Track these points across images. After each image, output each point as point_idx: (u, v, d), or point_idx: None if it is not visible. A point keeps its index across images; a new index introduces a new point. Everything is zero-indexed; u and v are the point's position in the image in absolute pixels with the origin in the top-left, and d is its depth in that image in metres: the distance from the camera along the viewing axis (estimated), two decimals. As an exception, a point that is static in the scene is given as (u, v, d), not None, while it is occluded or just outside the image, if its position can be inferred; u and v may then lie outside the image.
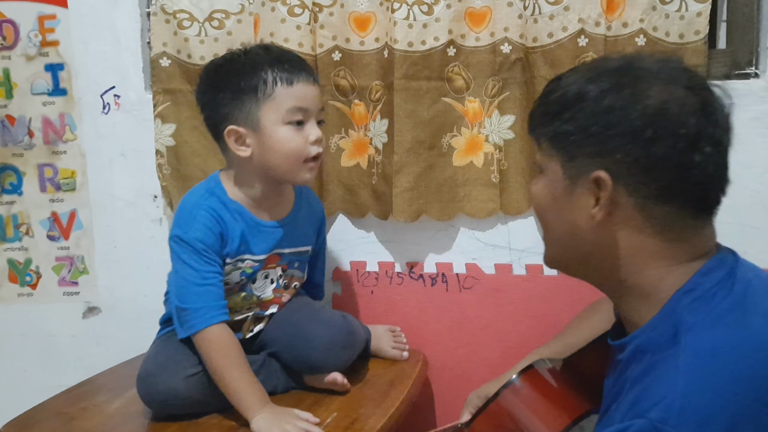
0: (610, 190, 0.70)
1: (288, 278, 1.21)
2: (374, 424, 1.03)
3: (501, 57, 1.29)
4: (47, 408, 1.14)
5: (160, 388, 1.05)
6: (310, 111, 1.09)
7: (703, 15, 1.19)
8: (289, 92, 1.07)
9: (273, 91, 1.06)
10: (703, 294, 0.69)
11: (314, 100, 1.10)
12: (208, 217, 1.08)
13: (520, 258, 1.37)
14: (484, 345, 1.38)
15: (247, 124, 1.07)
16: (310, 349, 1.12)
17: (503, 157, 1.33)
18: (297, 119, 1.08)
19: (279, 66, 1.07)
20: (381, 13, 1.32)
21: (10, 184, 1.58)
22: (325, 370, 1.13)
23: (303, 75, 1.09)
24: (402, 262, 1.42)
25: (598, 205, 0.71)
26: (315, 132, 1.09)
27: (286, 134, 1.07)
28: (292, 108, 1.07)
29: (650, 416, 0.61)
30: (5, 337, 1.63)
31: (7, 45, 1.53)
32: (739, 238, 0.81)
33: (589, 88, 0.71)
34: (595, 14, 1.22)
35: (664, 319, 0.69)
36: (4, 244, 1.60)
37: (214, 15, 1.39)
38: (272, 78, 1.06)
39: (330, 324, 1.16)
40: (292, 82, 1.07)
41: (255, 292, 1.16)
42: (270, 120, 1.07)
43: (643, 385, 0.66)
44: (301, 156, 1.09)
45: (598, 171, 0.70)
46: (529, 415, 0.86)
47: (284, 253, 1.18)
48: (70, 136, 1.54)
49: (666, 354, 0.66)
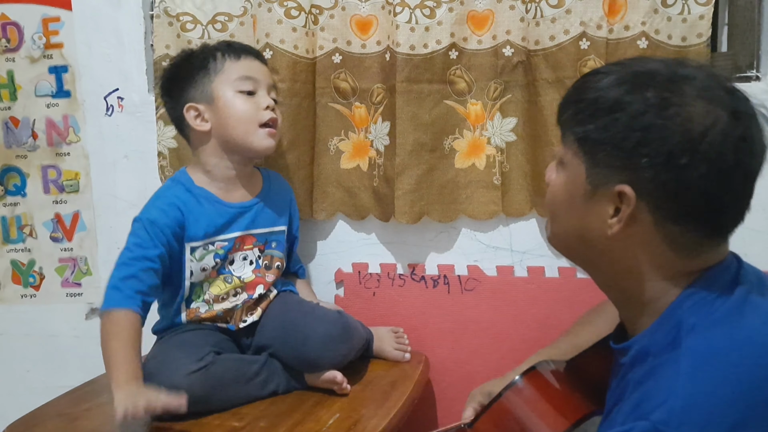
0: (632, 206, 0.68)
1: (268, 258, 1.24)
2: (376, 424, 1.04)
3: (503, 60, 1.30)
4: (51, 408, 1.14)
5: (162, 385, 1.06)
6: (259, 81, 1.19)
7: (705, 18, 1.20)
8: (237, 64, 1.18)
9: (222, 65, 1.18)
10: (704, 297, 0.69)
11: (262, 73, 1.21)
12: (167, 202, 1.15)
13: (522, 260, 1.37)
14: (486, 346, 1.39)
15: (203, 100, 1.18)
16: (306, 344, 1.13)
17: (505, 160, 1.34)
18: (247, 89, 1.18)
19: (226, 45, 1.21)
20: (383, 16, 1.33)
21: (13, 186, 1.59)
22: (323, 366, 1.14)
23: (250, 51, 1.21)
24: (404, 264, 1.43)
25: (616, 217, 0.70)
26: (265, 100, 1.18)
27: (238, 101, 1.17)
28: (241, 77, 1.17)
29: (652, 418, 0.62)
30: (8, 337, 1.63)
31: (12, 47, 1.54)
32: (739, 241, 0.81)
33: (629, 99, 0.68)
34: (597, 17, 1.23)
35: (666, 323, 0.70)
36: (8, 245, 1.61)
37: (217, 18, 1.40)
38: (221, 54, 1.19)
39: (325, 319, 1.17)
40: (239, 56, 1.19)
41: (234, 272, 1.19)
42: (222, 91, 1.17)
43: (645, 387, 0.66)
44: (254, 119, 1.17)
45: (623, 185, 0.68)
46: (532, 417, 0.86)
47: (258, 234, 1.22)
48: (74, 137, 1.55)
49: (667, 357, 0.67)
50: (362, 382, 1.19)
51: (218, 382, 1.08)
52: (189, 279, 1.17)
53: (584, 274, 1.31)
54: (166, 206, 1.14)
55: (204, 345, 1.12)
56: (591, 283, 1.30)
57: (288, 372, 1.17)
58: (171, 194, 1.17)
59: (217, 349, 1.13)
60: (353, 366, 1.17)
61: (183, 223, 1.14)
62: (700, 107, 0.66)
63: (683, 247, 0.70)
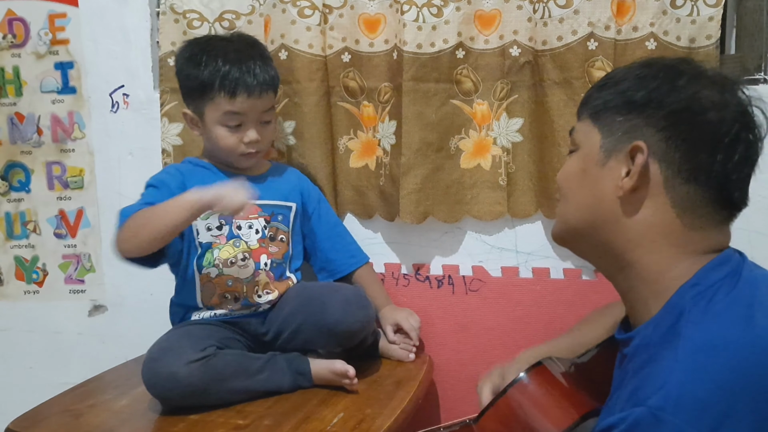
0: (645, 158, 0.72)
1: (273, 230, 1.26)
2: (381, 424, 1.03)
3: (510, 60, 1.30)
4: (55, 404, 1.14)
5: (162, 371, 1.06)
6: (248, 117, 1.21)
7: (714, 19, 1.20)
8: (229, 101, 1.18)
9: (215, 96, 1.19)
10: (707, 288, 0.70)
11: (253, 110, 1.20)
12: (172, 171, 1.25)
13: (527, 261, 1.37)
14: (490, 347, 1.38)
15: (196, 113, 1.23)
16: (325, 310, 1.16)
17: (511, 160, 1.33)
18: (233, 124, 1.20)
19: (228, 73, 1.18)
20: (390, 14, 1.32)
21: (18, 182, 1.59)
22: (342, 332, 1.16)
23: (248, 87, 1.18)
24: (408, 264, 1.43)
25: (628, 176, 0.74)
26: (250, 135, 1.21)
27: (221, 133, 1.21)
28: (228, 113, 1.19)
29: (649, 403, 0.63)
30: (11, 334, 1.63)
31: (18, 43, 1.54)
32: (745, 243, 0.82)
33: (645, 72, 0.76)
34: (605, 18, 1.22)
35: (668, 313, 0.71)
36: (12, 242, 1.61)
37: (224, 15, 1.40)
38: (218, 84, 1.18)
39: (342, 289, 1.22)
40: (234, 94, 1.18)
41: (242, 237, 1.22)
42: (210, 117, 1.21)
43: (643, 374, 0.67)
44: (234, 151, 1.22)
45: (636, 141, 0.73)
46: (536, 412, 0.86)
47: (263, 204, 1.25)
48: (79, 134, 1.55)
49: (666, 345, 0.68)
50: (367, 382, 1.19)
51: (218, 375, 1.08)
52: (197, 238, 1.21)
53: (589, 276, 1.33)
54: (173, 170, 1.24)
55: (208, 338, 1.13)
56: (596, 285, 1.32)
57: (293, 371, 1.16)
58: (176, 167, 1.27)
59: (221, 345, 1.13)
60: (358, 365, 1.17)
61: (186, 185, 1.19)
62: (710, 89, 0.73)
63: (690, 213, 0.73)
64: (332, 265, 1.35)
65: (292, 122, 1.39)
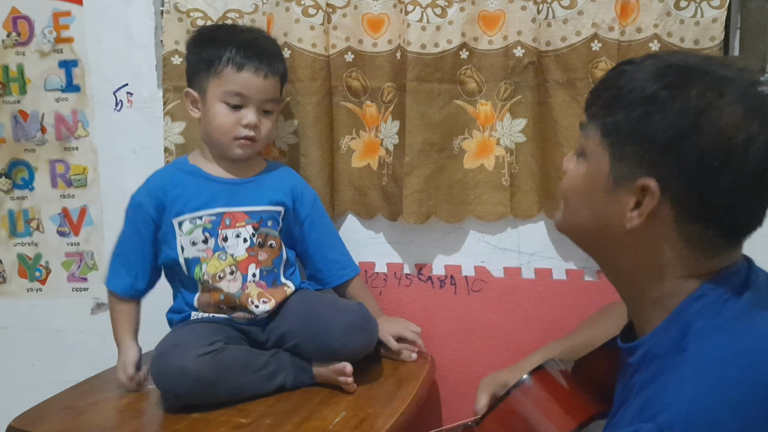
0: (656, 201, 0.68)
1: (262, 236, 1.24)
2: (382, 424, 1.03)
3: (513, 60, 1.30)
4: (57, 402, 1.14)
5: (171, 365, 1.06)
6: (250, 99, 1.19)
7: (718, 21, 1.19)
8: (235, 77, 1.18)
9: (222, 70, 1.18)
10: (713, 300, 0.69)
11: (257, 91, 1.20)
12: (155, 181, 1.23)
13: (529, 261, 1.37)
14: (492, 348, 1.38)
15: (199, 91, 1.22)
16: (328, 334, 1.14)
17: (514, 161, 1.33)
18: (233, 103, 1.19)
19: (238, 50, 1.19)
20: (394, 14, 1.32)
21: (21, 180, 1.59)
22: (344, 355, 1.14)
23: (255, 65, 1.19)
24: (411, 264, 1.43)
25: (636, 210, 0.69)
26: (249, 117, 1.19)
27: (220, 110, 1.19)
28: (231, 91, 1.18)
29: (657, 421, 0.62)
30: (13, 331, 1.63)
31: (22, 41, 1.54)
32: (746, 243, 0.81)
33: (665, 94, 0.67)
34: (609, 19, 1.22)
35: (674, 325, 0.69)
36: (15, 239, 1.61)
37: (227, 14, 1.40)
38: (226, 58, 1.18)
39: (346, 310, 1.19)
40: (241, 68, 1.18)
41: (228, 250, 1.20)
42: (212, 94, 1.20)
43: (651, 390, 0.66)
44: (229, 133, 1.20)
45: (649, 179, 0.67)
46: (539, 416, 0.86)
47: (250, 211, 1.23)
48: (83, 132, 1.55)
49: (674, 359, 0.66)
50: (368, 381, 1.19)
51: (226, 369, 1.09)
52: (182, 255, 1.19)
53: (592, 277, 1.33)
54: (153, 186, 1.23)
55: (215, 334, 1.13)
56: (599, 286, 1.32)
57: (296, 366, 1.17)
58: (161, 173, 1.26)
59: (228, 342, 1.14)
60: (360, 365, 1.17)
61: (164, 204, 1.20)
62: (738, 114, 0.65)
63: (700, 247, 0.69)
64: (321, 275, 1.32)
65: (294, 121, 1.39)
